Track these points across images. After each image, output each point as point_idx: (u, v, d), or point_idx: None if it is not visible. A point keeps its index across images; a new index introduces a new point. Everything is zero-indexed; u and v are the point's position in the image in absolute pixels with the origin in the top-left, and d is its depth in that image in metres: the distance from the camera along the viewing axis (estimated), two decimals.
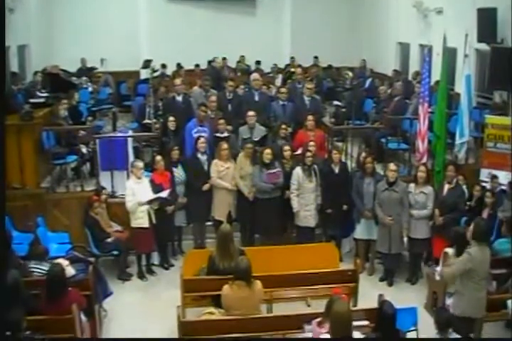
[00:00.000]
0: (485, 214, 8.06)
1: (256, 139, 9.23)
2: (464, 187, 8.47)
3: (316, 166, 8.47)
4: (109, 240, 8.22)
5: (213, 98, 10.24)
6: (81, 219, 8.34)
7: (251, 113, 9.42)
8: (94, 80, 15.62)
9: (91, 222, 8.18)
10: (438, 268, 7.18)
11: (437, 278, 7.14)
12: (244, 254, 6.60)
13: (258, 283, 6.03)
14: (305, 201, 8.39)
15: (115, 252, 8.23)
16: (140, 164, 8.22)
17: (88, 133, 9.95)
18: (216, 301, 6.32)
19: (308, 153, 8.37)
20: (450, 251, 6.81)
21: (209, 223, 8.92)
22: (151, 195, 8.07)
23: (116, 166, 9.23)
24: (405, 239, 8.25)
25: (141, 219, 8.10)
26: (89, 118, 11.83)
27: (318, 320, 5.54)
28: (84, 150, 9.93)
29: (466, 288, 6.10)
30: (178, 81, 11.09)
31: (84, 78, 15.21)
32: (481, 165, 9.82)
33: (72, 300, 5.94)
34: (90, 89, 14.81)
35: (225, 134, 9.35)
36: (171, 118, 9.45)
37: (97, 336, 6.75)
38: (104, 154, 9.30)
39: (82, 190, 9.27)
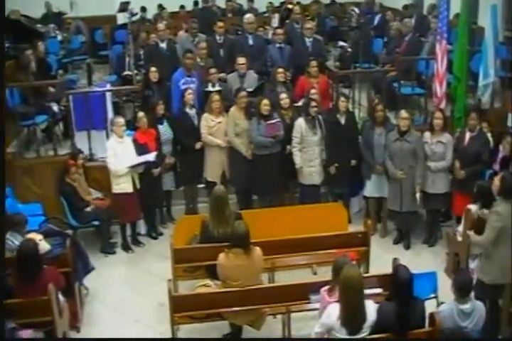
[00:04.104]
0: None
1: (250, 90, 9.10)
2: (489, 135, 8.37)
3: (320, 117, 8.40)
4: (88, 209, 8.20)
5: (203, 44, 10.13)
6: (55, 187, 8.31)
7: (241, 60, 9.32)
8: (63, 27, 15.36)
9: (67, 189, 8.15)
10: (459, 228, 7.18)
11: (459, 238, 7.14)
12: (242, 218, 6.60)
13: (257, 250, 6.04)
14: (309, 156, 8.35)
15: (96, 223, 8.23)
16: (121, 120, 8.16)
17: (59, 89, 9.85)
18: (211, 272, 6.36)
19: (313, 103, 8.29)
20: (474, 207, 6.78)
21: (201, 185, 8.92)
22: (136, 159, 8.04)
23: (94, 125, 9.21)
24: (418, 195, 8.14)
25: (124, 184, 8.10)
26: (60, 71, 11.74)
27: (328, 287, 5.57)
28: (55, 108, 9.82)
29: (495, 251, 6.06)
30: (161, 25, 10.95)
31: (51, 25, 14.90)
32: (508, 109, 9.70)
33: (49, 279, 5.92)
34: (59, 37, 14.60)
35: (217, 87, 9.23)
36: (153, 69, 9.30)
37: (78, 317, 6.79)
38: (79, 112, 9.23)
39: (55, 154, 9.23)
